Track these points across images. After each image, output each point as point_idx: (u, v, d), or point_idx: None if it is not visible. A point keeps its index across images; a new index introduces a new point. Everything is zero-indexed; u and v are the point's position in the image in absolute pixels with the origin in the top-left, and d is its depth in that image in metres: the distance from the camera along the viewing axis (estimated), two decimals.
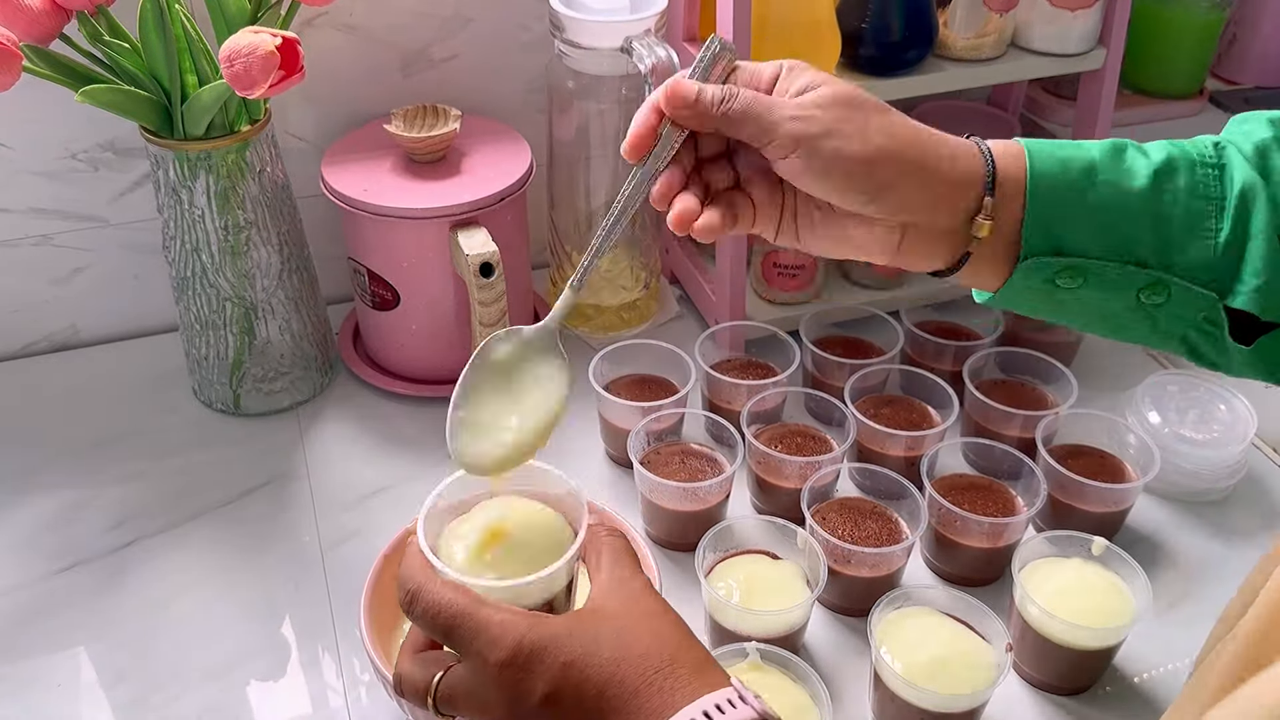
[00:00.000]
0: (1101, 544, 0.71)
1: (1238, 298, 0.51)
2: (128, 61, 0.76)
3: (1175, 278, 0.52)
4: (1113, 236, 0.52)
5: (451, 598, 0.49)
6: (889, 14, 0.86)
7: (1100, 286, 0.53)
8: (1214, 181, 0.52)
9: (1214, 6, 1.17)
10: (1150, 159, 0.53)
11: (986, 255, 0.54)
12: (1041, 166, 0.53)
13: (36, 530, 0.81)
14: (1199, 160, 0.53)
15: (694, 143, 0.54)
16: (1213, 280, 0.52)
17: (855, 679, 0.71)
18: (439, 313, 0.90)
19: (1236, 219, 0.51)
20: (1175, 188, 0.52)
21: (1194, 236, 0.52)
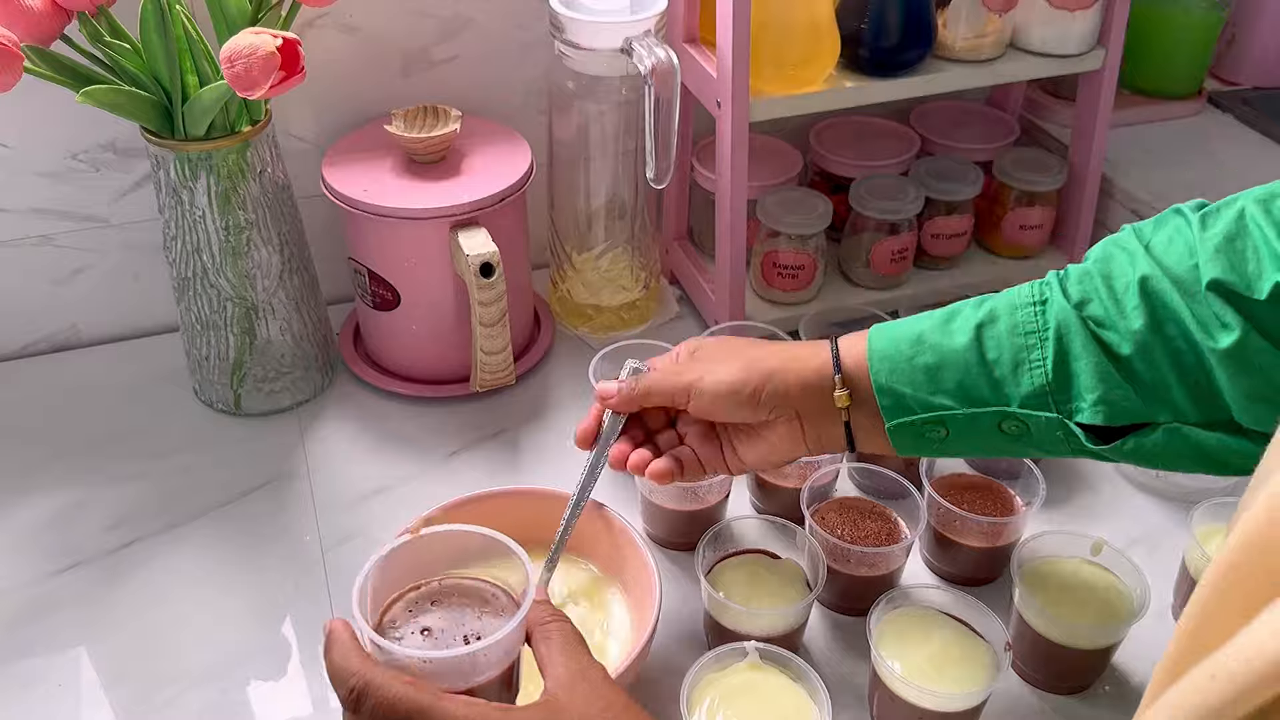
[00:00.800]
0: (1101, 544, 0.71)
1: (1083, 413, 0.57)
2: (129, 62, 0.76)
3: (1019, 410, 0.58)
4: (950, 388, 0.59)
5: (406, 692, 0.47)
6: (888, 15, 0.86)
7: (962, 432, 0.60)
8: (1035, 318, 0.58)
9: (1213, 7, 1.17)
10: (977, 313, 0.60)
11: (869, 428, 0.63)
12: (877, 345, 0.61)
13: (36, 530, 0.81)
14: (1021, 303, 0.59)
15: (641, 420, 0.70)
16: (1052, 404, 0.57)
17: (855, 679, 0.71)
18: (439, 313, 0.90)
19: (1057, 345, 0.57)
20: (997, 333, 0.59)
21: (1022, 370, 0.58)
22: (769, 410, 0.63)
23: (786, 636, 0.70)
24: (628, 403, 0.68)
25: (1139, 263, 0.57)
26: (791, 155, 1.05)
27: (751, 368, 0.63)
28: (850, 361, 0.62)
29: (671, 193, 1.04)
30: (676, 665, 0.69)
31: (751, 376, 0.63)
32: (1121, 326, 0.56)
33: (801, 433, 0.64)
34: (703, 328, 0.98)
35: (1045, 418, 0.57)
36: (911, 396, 0.60)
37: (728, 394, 0.63)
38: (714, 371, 0.64)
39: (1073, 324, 0.57)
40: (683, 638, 0.73)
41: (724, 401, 0.64)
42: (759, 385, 0.63)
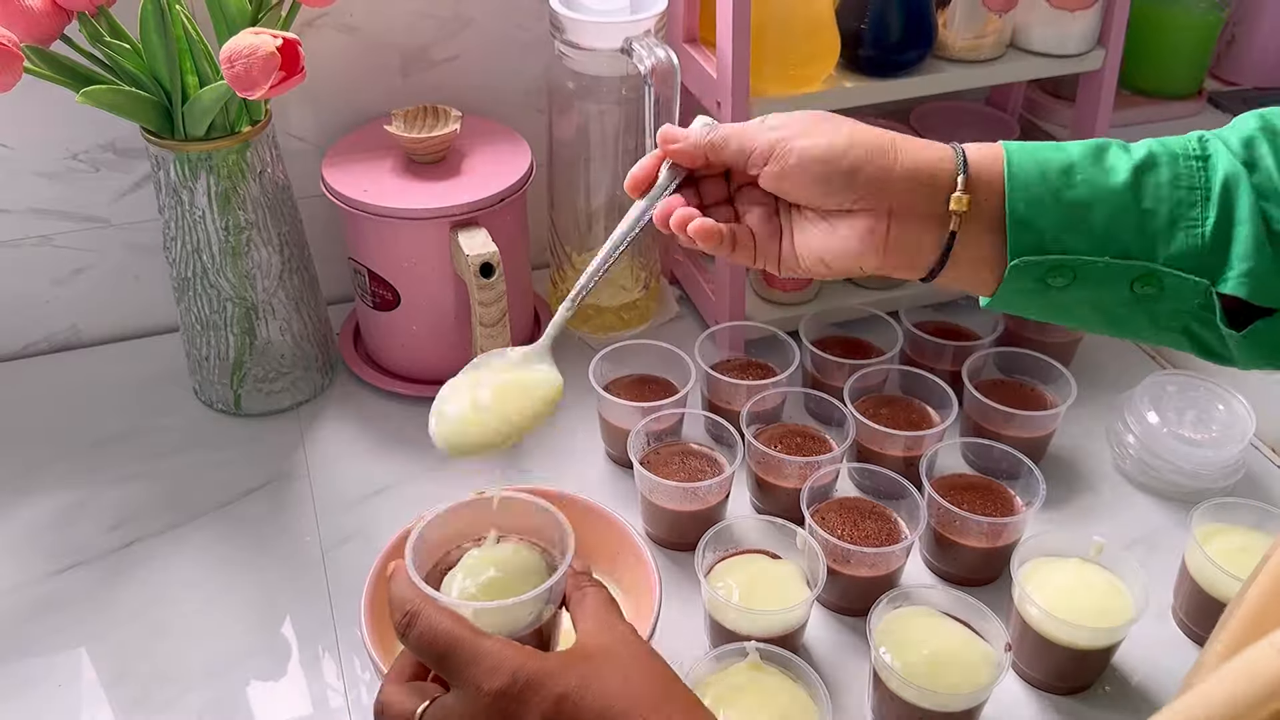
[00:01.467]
0: (1100, 544, 0.71)
1: (1227, 283, 0.52)
2: (128, 62, 0.76)
3: (1164, 268, 0.52)
4: (1096, 232, 0.53)
5: (450, 625, 0.50)
6: (888, 15, 0.86)
7: (1090, 283, 0.53)
8: (1198, 172, 0.53)
9: (1213, 7, 1.17)
10: (1132, 155, 0.54)
11: (972, 254, 0.55)
12: (1018, 168, 0.54)
13: (36, 530, 0.81)
14: (1182, 153, 0.54)
15: (697, 188, 0.60)
16: (1202, 268, 0.52)
17: (855, 679, 0.71)
18: (439, 313, 0.90)
19: (1221, 207, 0.52)
20: (1158, 181, 0.53)
21: (1179, 227, 0.52)
22: (860, 193, 0.54)
23: (786, 636, 0.70)
24: (695, 152, 0.58)
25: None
26: None
27: (856, 138, 0.55)
28: (980, 170, 0.54)
29: None
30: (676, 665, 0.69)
31: (855, 147, 0.54)
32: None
33: (885, 234, 0.55)
34: (703, 328, 0.98)
35: (1192, 281, 0.52)
36: (1050, 234, 0.53)
37: (820, 160, 0.54)
38: (809, 134, 0.55)
39: (1241, 186, 0.52)
40: (683, 638, 0.73)
41: (813, 169, 0.54)
42: (860, 159, 0.54)
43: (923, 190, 0.54)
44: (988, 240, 0.54)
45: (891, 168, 0.54)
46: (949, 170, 0.54)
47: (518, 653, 0.49)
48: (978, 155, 0.55)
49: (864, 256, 0.56)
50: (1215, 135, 0.55)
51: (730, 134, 0.57)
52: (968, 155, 0.54)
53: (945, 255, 0.55)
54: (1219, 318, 0.53)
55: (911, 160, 0.54)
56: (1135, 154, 0.54)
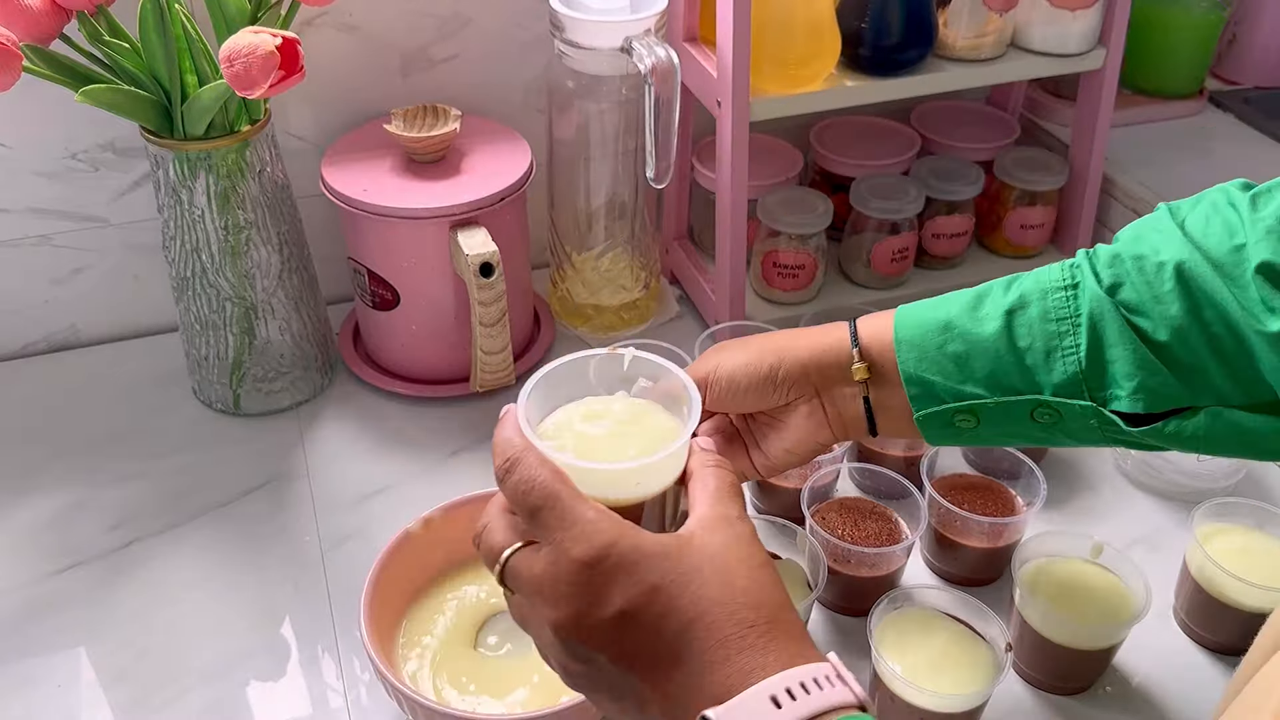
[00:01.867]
0: (1100, 544, 0.71)
1: (1120, 402, 0.55)
2: (128, 61, 0.76)
3: (1051, 398, 0.56)
4: (981, 377, 0.57)
5: (550, 479, 0.46)
6: (889, 14, 0.86)
7: (994, 420, 0.58)
8: (1067, 302, 0.57)
9: (1214, 6, 1.17)
10: (1005, 297, 0.58)
11: (892, 410, 0.60)
12: (903, 331, 0.59)
13: (36, 530, 0.81)
14: (1052, 287, 0.57)
15: None
16: (1086, 391, 0.56)
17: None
18: (439, 313, 0.90)
19: (1090, 333, 0.55)
20: (1029, 319, 0.57)
21: (1055, 358, 0.56)
22: (787, 389, 0.60)
23: None
24: None
25: (1174, 245, 0.55)
26: (791, 155, 1.05)
27: (764, 346, 0.61)
28: (871, 341, 0.60)
29: (671, 192, 1.04)
30: None
31: (765, 354, 0.60)
32: (1156, 312, 0.54)
33: (824, 413, 0.61)
34: (703, 328, 0.98)
35: (1080, 405, 0.56)
36: (941, 385, 0.58)
37: (744, 375, 0.60)
38: (730, 359, 0.61)
39: (1106, 310, 0.55)
40: None
41: (741, 383, 0.60)
42: (774, 363, 0.60)
43: (832, 367, 0.60)
44: (899, 397, 0.59)
45: (800, 356, 0.60)
46: (847, 346, 0.60)
47: (615, 526, 0.45)
48: (868, 329, 0.60)
49: (818, 435, 0.61)
50: (1087, 259, 0.58)
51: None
52: (859, 329, 0.60)
53: (870, 417, 0.60)
54: (1123, 427, 0.55)
55: (812, 348, 0.60)
56: (1009, 296, 0.58)
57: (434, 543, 0.72)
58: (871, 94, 0.89)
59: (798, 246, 0.97)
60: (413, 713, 0.63)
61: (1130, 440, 0.57)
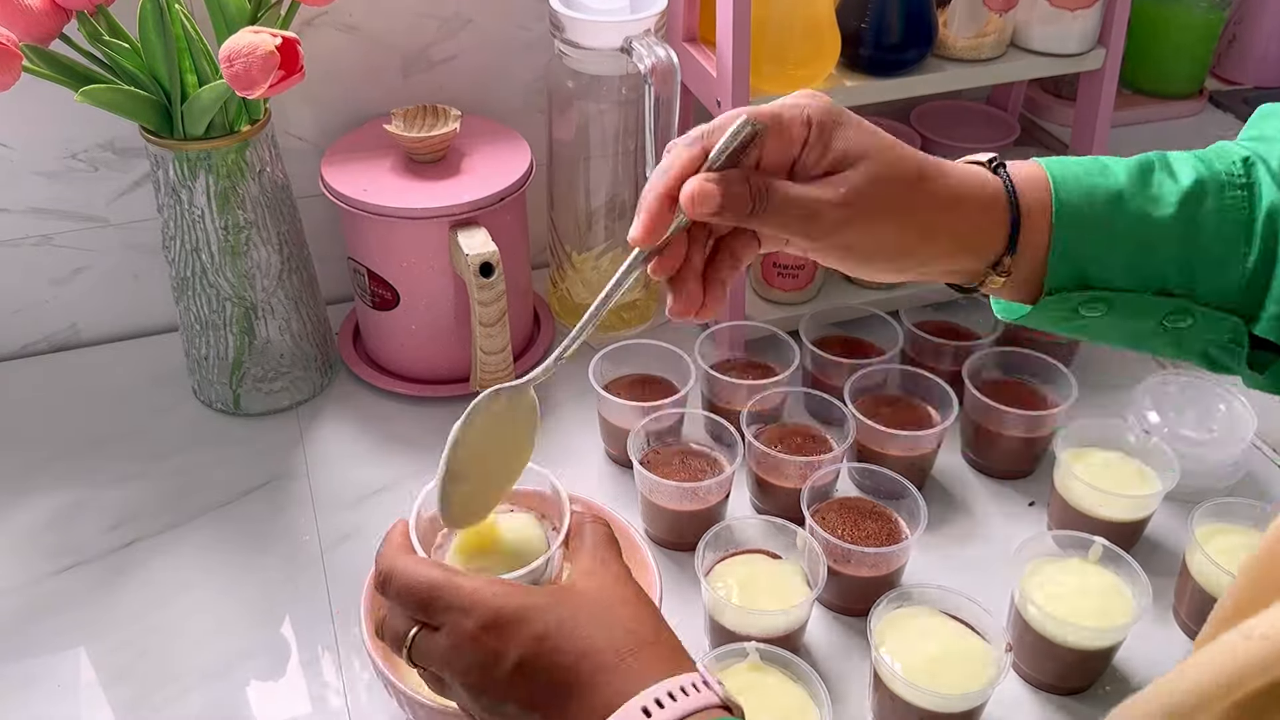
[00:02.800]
0: (1100, 544, 0.71)
1: (1260, 324, 0.51)
2: (128, 61, 0.76)
3: (1200, 305, 0.52)
4: (1139, 268, 0.52)
5: (427, 571, 0.50)
6: (889, 14, 0.86)
7: (1124, 314, 0.53)
8: (1243, 205, 0.52)
9: (1214, 6, 1.17)
10: (1178, 182, 0.52)
11: (1017, 280, 0.54)
12: (1067, 197, 0.52)
13: (36, 530, 0.81)
14: (1227, 181, 0.52)
15: None
16: (1238, 305, 0.52)
17: (855, 679, 0.71)
18: (439, 313, 0.90)
19: (1264, 244, 0.51)
20: (1204, 213, 0.51)
21: (1222, 264, 0.51)
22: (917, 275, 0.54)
23: (786, 636, 0.70)
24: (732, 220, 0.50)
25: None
26: None
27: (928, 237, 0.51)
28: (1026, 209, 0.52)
29: None
30: None
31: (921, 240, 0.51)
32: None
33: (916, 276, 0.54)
34: (703, 327, 0.98)
35: (1228, 320, 0.52)
36: (1092, 266, 0.51)
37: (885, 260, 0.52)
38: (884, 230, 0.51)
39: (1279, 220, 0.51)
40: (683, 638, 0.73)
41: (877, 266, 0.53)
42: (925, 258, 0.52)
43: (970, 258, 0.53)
44: (1026, 268, 0.53)
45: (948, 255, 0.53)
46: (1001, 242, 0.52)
47: (499, 589, 0.49)
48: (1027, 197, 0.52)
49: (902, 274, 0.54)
50: (1257, 155, 0.53)
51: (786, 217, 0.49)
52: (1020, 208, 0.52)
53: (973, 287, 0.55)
54: (1244, 355, 0.52)
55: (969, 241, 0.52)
56: (1182, 179, 0.52)
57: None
58: (871, 94, 0.89)
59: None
60: (413, 712, 0.63)
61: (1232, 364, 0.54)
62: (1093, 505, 0.77)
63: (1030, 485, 0.86)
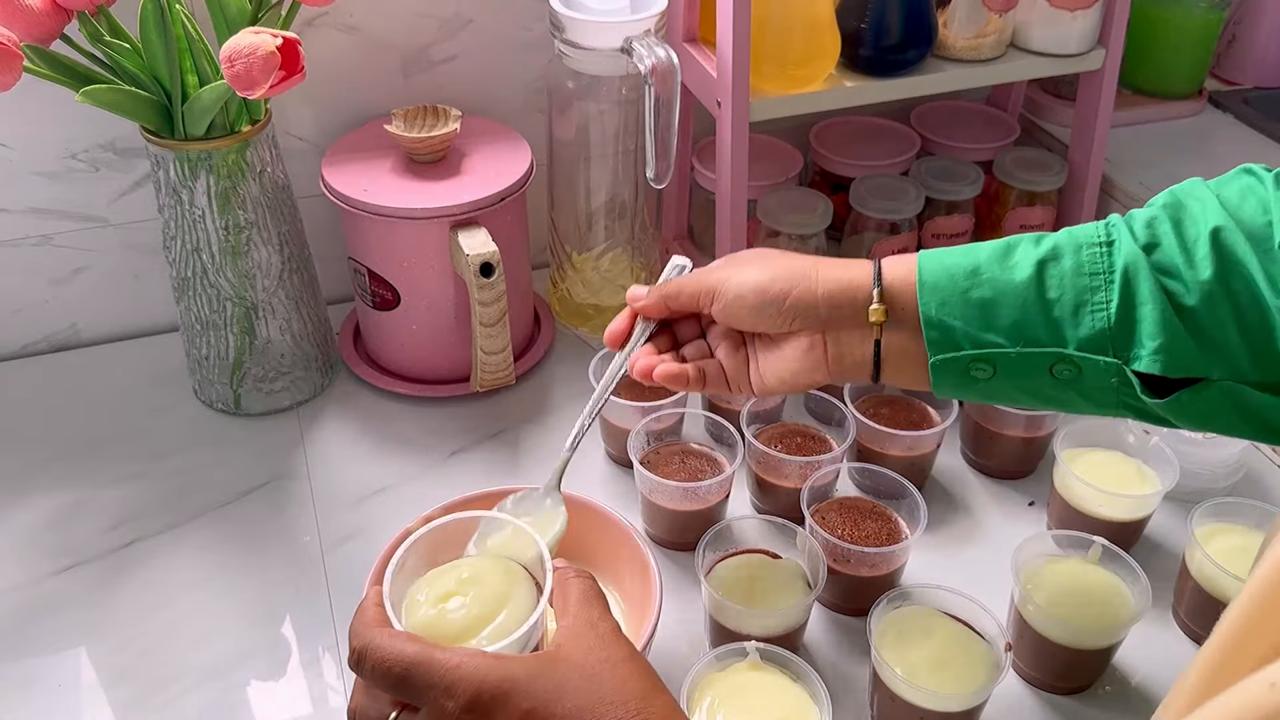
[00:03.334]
0: (1100, 544, 0.71)
1: (1140, 361, 0.54)
2: (128, 62, 0.76)
3: (1075, 352, 0.55)
4: (1005, 325, 0.56)
5: (402, 647, 0.48)
6: (888, 14, 0.86)
7: (1011, 372, 0.57)
8: (1101, 258, 0.56)
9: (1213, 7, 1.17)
10: (1038, 249, 0.57)
11: (901, 356, 0.59)
12: (928, 274, 0.58)
13: (36, 530, 0.81)
14: (1086, 242, 0.57)
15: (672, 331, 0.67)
16: (1112, 349, 0.55)
17: (855, 679, 0.71)
18: (439, 313, 0.90)
19: (1123, 289, 0.55)
20: (1061, 270, 0.56)
21: (1084, 312, 0.55)
22: (792, 318, 0.60)
23: (786, 636, 0.70)
24: (656, 304, 0.65)
25: (1211, 212, 0.55)
26: (791, 155, 1.05)
27: (779, 270, 0.61)
28: (893, 282, 0.59)
29: (671, 193, 1.04)
30: (676, 665, 0.69)
31: (779, 278, 0.60)
32: (1189, 276, 0.54)
33: (824, 351, 0.61)
34: None
35: (1103, 362, 0.55)
36: (961, 331, 0.57)
37: (751, 294, 0.61)
38: (742, 272, 0.62)
39: (1141, 268, 0.55)
40: (683, 638, 0.73)
41: (747, 302, 0.61)
42: (785, 289, 0.60)
43: (846, 307, 0.59)
44: (913, 344, 0.58)
45: (814, 290, 0.60)
46: (866, 286, 0.59)
47: (482, 663, 0.47)
48: (893, 268, 0.59)
49: (813, 372, 0.61)
50: (1122, 220, 0.58)
51: (681, 284, 0.64)
52: (883, 269, 0.59)
53: (878, 361, 0.60)
54: (1139, 390, 0.55)
55: (832, 281, 0.60)
56: (1041, 247, 0.57)
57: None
58: (871, 94, 0.89)
59: (798, 246, 0.97)
60: None
61: (1138, 409, 0.56)
62: (1093, 505, 0.77)
63: (1030, 485, 0.86)
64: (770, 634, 0.69)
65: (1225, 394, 0.54)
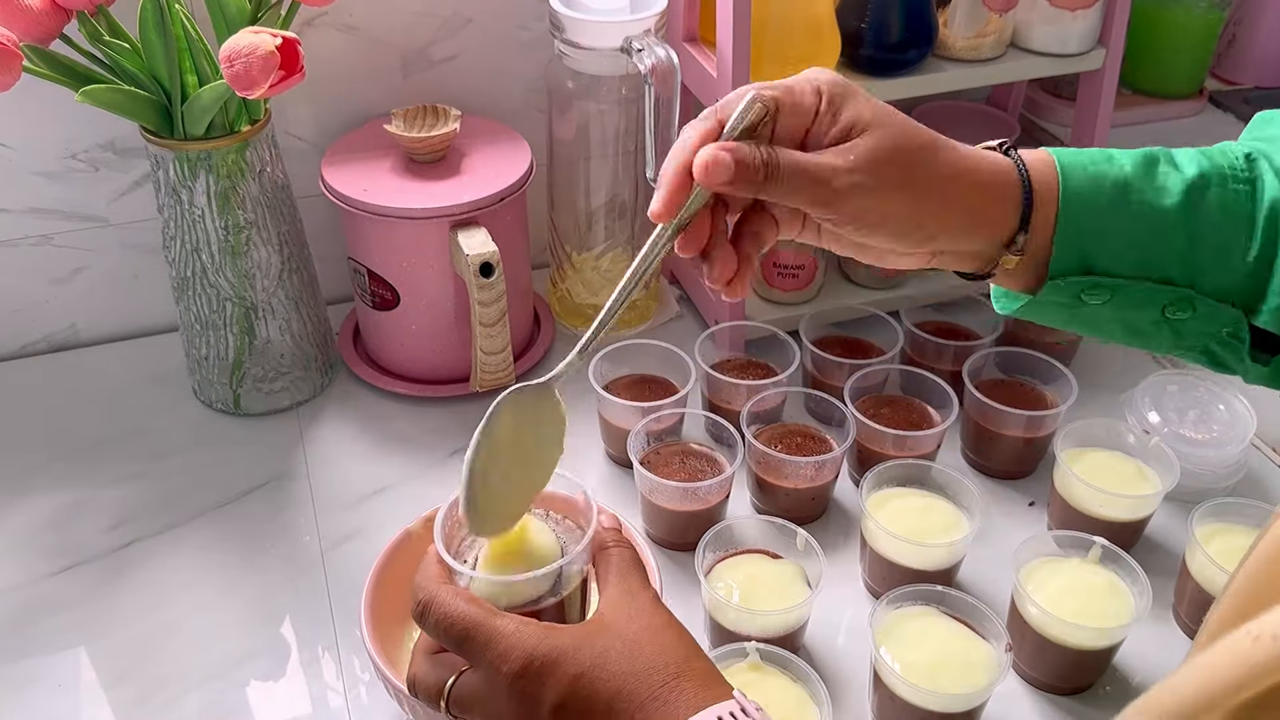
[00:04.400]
0: (1099, 547, 0.71)
1: (1261, 316, 0.52)
2: (128, 61, 0.76)
3: (1202, 295, 0.53)
4: (1143, 255, 0.52)
5: (465, 609, 0.51)
6: (889, 14, 0.86)
7: (1126, 303, 0.54)
8: (1245, 199, 0.53)
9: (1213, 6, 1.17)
10: (1183, 173, 0.53)
11: (1025, 265, 0.54)
12: (1074, 184, 0.52)
13: (36, 530, 0.81)
14: (1230, 175, 0.53)
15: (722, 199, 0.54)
16: (1239, 297, 0.53)
17: (855, 679, 0.71)
18: (439, 313, 0.90)
19: (1266, 237, 0.52)
20: (1208, 205, 0.52)
21: (1224, 255, 0.52)
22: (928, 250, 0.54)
23: (786, 636, 0.70)
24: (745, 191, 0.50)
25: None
26: None
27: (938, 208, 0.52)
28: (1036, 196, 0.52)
29: None
30: None
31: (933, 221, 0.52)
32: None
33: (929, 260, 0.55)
34: (703, 328, 0.98)
35: (1225, 310, 0.52)
36: (1095, 253, 0.52)
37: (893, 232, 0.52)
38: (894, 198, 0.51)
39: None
40: None
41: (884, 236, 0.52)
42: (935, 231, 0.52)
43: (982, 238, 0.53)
44: (1031, 255, 0.54)
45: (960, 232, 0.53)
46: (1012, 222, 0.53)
47: (534, 632, 0.49)
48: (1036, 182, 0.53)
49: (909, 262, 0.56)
50: (1260, 153, 0.54)
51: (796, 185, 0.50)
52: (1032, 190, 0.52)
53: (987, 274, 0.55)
54: (1245, 348, 0.53)
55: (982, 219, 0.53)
56: (1186, 171, 0.53)
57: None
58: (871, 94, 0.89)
59: (798, 247, 0.97)
60: (413, 712, 0.63)
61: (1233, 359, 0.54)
62: (1093, 505, 0.77)
63: (1030, 485, 0.86)
64: (770, 634, 0.69)
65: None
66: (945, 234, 0.53)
